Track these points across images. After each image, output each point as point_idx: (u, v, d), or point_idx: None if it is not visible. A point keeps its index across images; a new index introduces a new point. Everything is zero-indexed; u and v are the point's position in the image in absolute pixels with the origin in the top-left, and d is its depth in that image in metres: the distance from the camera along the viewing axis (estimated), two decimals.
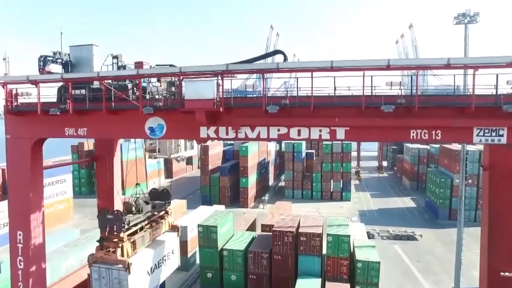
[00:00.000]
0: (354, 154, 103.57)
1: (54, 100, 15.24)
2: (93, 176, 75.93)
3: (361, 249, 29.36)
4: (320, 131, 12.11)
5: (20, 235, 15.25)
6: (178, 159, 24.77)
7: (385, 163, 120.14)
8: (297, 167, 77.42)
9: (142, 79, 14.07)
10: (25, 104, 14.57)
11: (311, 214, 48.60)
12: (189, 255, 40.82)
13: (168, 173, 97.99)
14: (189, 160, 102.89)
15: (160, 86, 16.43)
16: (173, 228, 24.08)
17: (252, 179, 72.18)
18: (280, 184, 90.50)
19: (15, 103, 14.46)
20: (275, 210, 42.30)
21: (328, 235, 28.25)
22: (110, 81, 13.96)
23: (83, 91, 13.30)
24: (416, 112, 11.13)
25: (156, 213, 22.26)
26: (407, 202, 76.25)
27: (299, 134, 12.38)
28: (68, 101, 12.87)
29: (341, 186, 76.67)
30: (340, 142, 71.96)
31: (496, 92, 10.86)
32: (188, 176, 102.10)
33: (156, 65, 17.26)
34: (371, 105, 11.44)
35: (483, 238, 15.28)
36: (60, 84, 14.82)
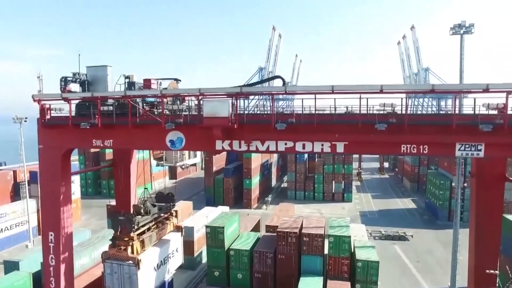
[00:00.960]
0: (355, 155, 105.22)
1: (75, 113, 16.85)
2: (100, 177, 77.54)
3: (361, 249, 30.78)
4: (322, 145, 13.60)
5: (51, 235, 16.83)
6: (183, 167, 26.14)
7: (386, 165, 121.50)
8: (299, 169, 78.79)
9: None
10: (56, 118, 16.09)
11: (313, 216, 49.99)
12: (195, 255, 42.18)
13: (172, 174, 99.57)
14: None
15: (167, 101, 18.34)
16: (177, 228, 25.51)
17: (255, 180, 73.62)
18: (282, 185, 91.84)
19: (47, 117, 16.00)
20: (278, 211, 43.69)
21: (329, 236, 29.67)
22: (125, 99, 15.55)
23: (110, 108, 14.82)
24: (406, 129, 12.61)
25: (162, 214, 23.80)
26: (407, 203, 77.50)
27: (303, 147, 13.81)
28: (97, 116, 14.42)
29: (343, 187, 78.00)
30: None
31: (474, 112, 12.26)
32: (192, 177, 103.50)
33: (160, 78, 18.83)
34: (367, 123, 12.95)
35: (471, 239, 16.67)
36: (78, 101, 16.40)
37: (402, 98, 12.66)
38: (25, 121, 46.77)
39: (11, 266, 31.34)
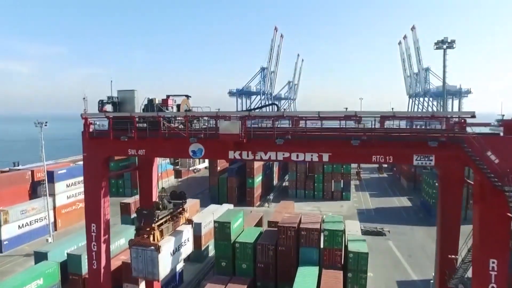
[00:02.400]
0: None
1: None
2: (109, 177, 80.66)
3: (353, 242, 34.28)
4: (312, 155, 17.04)
5: (93, 226, 20.35)
6: (195, 170, 29.43)
7: (385, 164, 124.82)
8: (300, 168, 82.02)
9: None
10: (98, 131, 19.59)
11: (311, 212, 53.42)
12: (202, 248, 45.68)
13: (177, 174, 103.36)
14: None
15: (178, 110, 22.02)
16: (188, 221, 28.85)
17: (257, 179, 77.08)
18: (284, 184, 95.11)
19: (91, 131, 19.48)
20: (280, 208, 47.21)
21: (324, 230, 33.20)
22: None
23: (145, 125, 18.33)
24: (375, 144, 15.99)
25: (176, 210, 27.36)
26: (403, 201, 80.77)
27: (297, 157, 17.29)
28: (133, 131, 17.92)
29: (342, 186, 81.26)
30: None
31: (426, 131, 15.57)
32: (196, 176, 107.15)
33: (173, 95, 22.31)
34: (345, 139, 16.37)
35: (438, 231, 20.01)
36: (112, 116, 19.87)
37: (374, 119, 16.12)
38: (46, 125, 50.45)
39: (40, 257, 34.97)
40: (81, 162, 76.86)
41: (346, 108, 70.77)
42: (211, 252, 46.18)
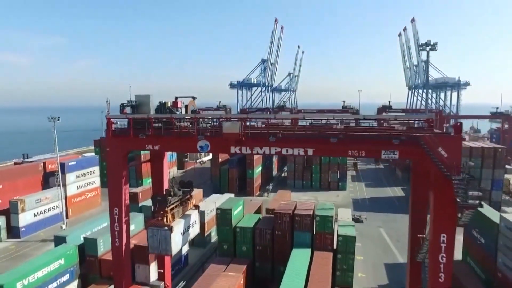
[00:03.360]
0: None
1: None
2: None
3: (343, 227, 37.84)
4: (299, 150, 20.23)
5: (116, 210, 23.73)
6: (201, 162, 32.65)
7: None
8: (298, 160, 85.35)
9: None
10: (120, 130, 22.82)
11: (306, 201, 56.80)
12: (205, 235, 49.24)
13: (180, 164, 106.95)
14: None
15: (185, 111, 25.37)
16: (195, 206, 32.28)
17: (257, 170, 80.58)
18: (283, 175, 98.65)
19: (114, 129, 22.68)
20: (277, 197, 50.77)
21: (316, 216, 36.70)
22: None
23: (159, 124, 21.53)
24: (349, 141, 19.19)
25: (184, 196, 30.78)
26: (397, 191, 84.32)
27: (287, 152, 20.45)
28: (150, 129, 21.16)
29: (338, 177, 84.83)
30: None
31: (391, 131, 18.72)
32: (198, 167, 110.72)
33: (181, 97, 25.40)
34: (326, 137, 19.57)
35: (410, 215, 23.34)
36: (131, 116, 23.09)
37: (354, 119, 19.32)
38: (58, 120, 53.76)
39: (60, 240, 38.53)
40: (88, 154, 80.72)
41: (344, 101, 74.82)
42: (214, 238, 49.80)
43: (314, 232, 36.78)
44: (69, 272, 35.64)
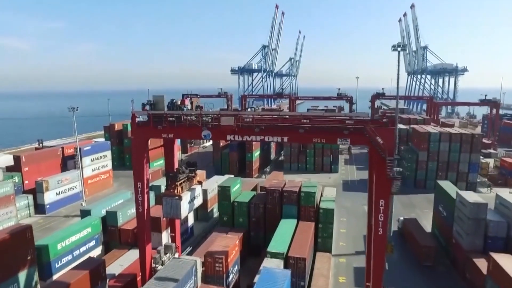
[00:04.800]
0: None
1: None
2: (123, 152, 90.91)
3: (324, 202, 44.70)
4: (277, 138, 26.48)
5: (139, 183, 30.31)
6: (203, 147, 38.78)
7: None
8: (294, 144, 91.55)
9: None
10: (142, 122, 29.18)
11: (295, 180, 63.43)
12: (208, 210, 56.13)
13: (184, 149, 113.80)
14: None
15: (191, 107, 31.79)
16: (199, 182, 38.60)
17: (256, 154, 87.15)
18: (280, 158, 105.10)
19: (137, 121, 29.06)
20: (271, 177, 57.57)
21: (302, 192, 43.44)
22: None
23: (172, 119, 27.82)
24: (313, 132, 25.40)
25: (190, 174, 37.38)
26: None
27: (268, 138, 26.68)
28: (165, 122, 27.58)
29: (331, 160, 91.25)
30: None
31: (343, 124, 24.90)
32: (201, 151, 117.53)
33: (186, 95, 31.51)
34: (295, 128, 25.82)
35: (369, 191, 29.67)
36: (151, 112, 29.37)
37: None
38: (77, 109, 60.24)
39: (85, 213, 45.59)
40: (98, 139, 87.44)
41: (339, 89, 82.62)
42: (215, 214, 56.72)
43: (300, 206, 43.59)
44: (94, 239, 42.86)
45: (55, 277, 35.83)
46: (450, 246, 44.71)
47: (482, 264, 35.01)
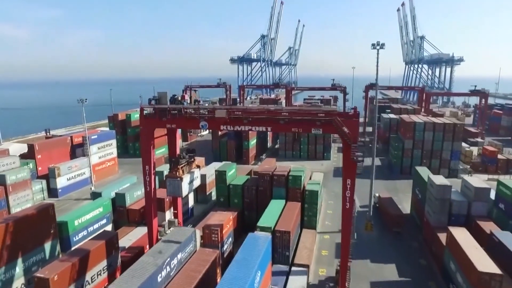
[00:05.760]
0: None
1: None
2: (127, 141, 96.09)
3: (310, 185, 49.95)
4: (262, 128, 31.35)
5: (147, 166, 35.34)
6: (200, 136, 43.49)
7: (370, 129, 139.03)
8: (288, 133, 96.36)
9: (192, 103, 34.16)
10: (149, 114, 34.05)
11: (284, 165, 68.54)
12: (207, 193, 61.41)
13: (184, 137, 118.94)
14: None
15: (190, 101, 36.85)
16: (197, 166, 43.70)
17: (252, 142, 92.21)
18: (276, 146, 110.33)
19: (145, 114, 33.95)
20: (264, 163, 62.79)
21: (290, 175, 48.68)
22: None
23: (175, 112, 32.72)
24: (291, 123, 30.33)
25: (190, 159, 42.49)
26: (375, 161, 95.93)
27: (255, 128, 31.48)
28: (168, 115, 32.42)
29: (323, 148, 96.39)
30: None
31: (315, 117, 29.84)
32: (199, 139, 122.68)
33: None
34: (276, 120, 30.72)
35: (343, 174, 34.61)
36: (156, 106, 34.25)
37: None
38: (86, 101, 65.10)
39: (97, 195, 50.94)
40: (102, 128, 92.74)
41: (333, 80, 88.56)
42: (214, 196, 62.05)
43: (288, 188, 48.86)
44: (105, 218, 48.23)
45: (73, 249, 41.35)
46: (423, 224, 50.18)
47: (443, 237, 40.37)
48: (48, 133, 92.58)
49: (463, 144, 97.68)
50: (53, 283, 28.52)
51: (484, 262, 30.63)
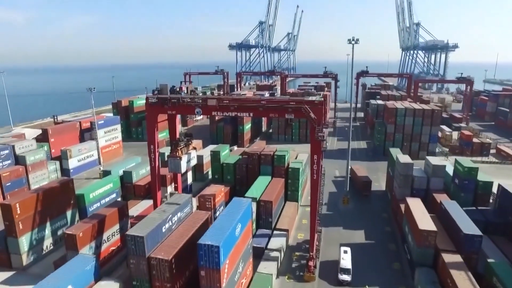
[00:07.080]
0: (331, 106, 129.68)
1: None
2: (130, 125, 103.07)
3: (294, 163, 57.03)
4: (245, 114, 37.98)
5: (151, 146, 42.08)
6: (195, 120, 49.92)
7: (362, 114, 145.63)
8: (281, 118, 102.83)
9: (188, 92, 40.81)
10: (153, 102, 40.72)
11: (271, 146, 75.37)
12: (204, 172, 68.37)
13: (183, 123, 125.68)
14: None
15: (187, 91, 43.53)
16: (194, 148, 50.68)
17: (247, 127, 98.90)
18: (270, 131, 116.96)
19: (150, 102, 40.60)
20: (255, 145, 69.77)
21: (275, 155, 55.71)
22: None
23: (174, 100, 39.28)
24: (268, 109, 36.88)
25: (187, 141, 49.43)
26: (362, 144, 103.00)
27: (241, 114, 37.98)
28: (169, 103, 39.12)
29: None
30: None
31: (287, 105, 36.48)
32: (198, 124, 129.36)
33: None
34: (256, 107, 37.27)
35: (311, 152, 41.53)
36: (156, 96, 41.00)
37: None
38: (94, 90, 71.68)
39: (107, 173, 58.11)
40: (106, 114, 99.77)
41: (326, 67, 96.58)
42: (210, 175, 69.12)
43: (273, 166, 55.95)
44: (115, 192, 55.40)
45: None
46: (391, 198, 57.45)
47: (404, 207, 47.59)
48: (56, 119, 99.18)
49: (446, 128, 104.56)
50: (79, 238, 35.80)
51: (425, 223, 37.83)
